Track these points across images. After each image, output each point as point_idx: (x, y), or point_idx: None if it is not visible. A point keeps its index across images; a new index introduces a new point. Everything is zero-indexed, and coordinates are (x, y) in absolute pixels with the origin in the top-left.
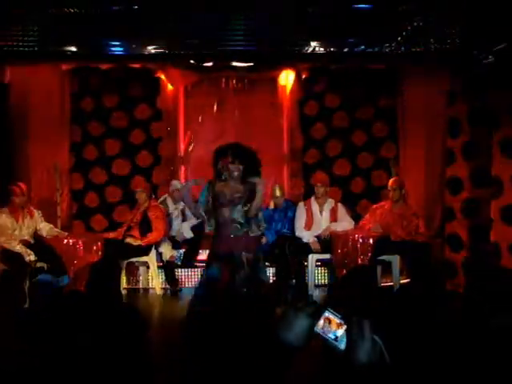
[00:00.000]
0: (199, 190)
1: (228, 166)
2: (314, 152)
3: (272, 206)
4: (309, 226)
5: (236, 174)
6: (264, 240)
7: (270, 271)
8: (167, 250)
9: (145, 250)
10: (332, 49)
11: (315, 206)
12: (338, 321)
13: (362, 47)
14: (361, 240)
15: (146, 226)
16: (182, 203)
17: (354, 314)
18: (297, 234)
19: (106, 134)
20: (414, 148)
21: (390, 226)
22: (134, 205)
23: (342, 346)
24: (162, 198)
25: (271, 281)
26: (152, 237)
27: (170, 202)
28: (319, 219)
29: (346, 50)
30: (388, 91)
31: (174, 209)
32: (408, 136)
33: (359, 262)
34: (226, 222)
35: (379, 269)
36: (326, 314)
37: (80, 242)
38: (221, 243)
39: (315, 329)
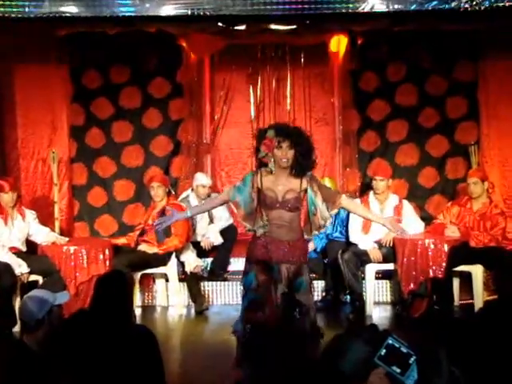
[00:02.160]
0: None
1: (273, 151)
2: (373, 136)
3: None
4: (367, 228)
5: (285, 161)
6: (311, 246)
7: (319, 285)
8: (191, 259)
9: (163, 260)
10: (395, 6)
11: (374, 204)
12: (405, 350)
13: (434, 3)
14: (433, 246)
15: (163, 230)
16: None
17: (426, 340)
18: (351, 239)
19: (114, 116)
20: (500, 131)
21: (470, 228)
22: (149, 203)
23: (410, 381)
24: (183, 195)
25: (319, 297)
26: (172, 243)
27: (193, 199)
28: None
29: (413, 7)
30: (467, 60)
31: None
32: (492, 116)
33: (431, 274)
34: (278, 227)
35: (456, 282)
36: (389, 341)
37: (83, 250)
38: (256, 247)
39: (375, 359)
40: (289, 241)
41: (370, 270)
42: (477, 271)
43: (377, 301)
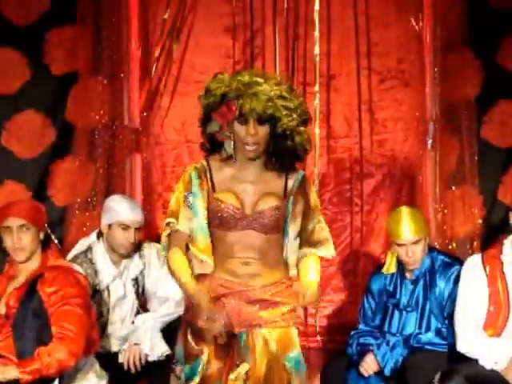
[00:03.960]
0: None
1: (233, 124)
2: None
3: (390, 269)
4: (495, 323)
5: (252, 146)
6: (371, 365)
7: None
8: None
9: None
10: None
11: None
12: None
13: None
14: None
15: (30, 325)
16: (136, 258)
17: None
18: (459, 345)
19: None
20: None
21: None
22: (0, 268)
23: None
24: (79, 247)
25: None
26: (49, 358)
27: (101, 255)
28: None
29: None
30: None
31: (116, 275)
32: None
33: None
34: (233, 263)
35: None
36: None
37: None
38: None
39: None
40: (264, 286)
41: None
42: None
43: None
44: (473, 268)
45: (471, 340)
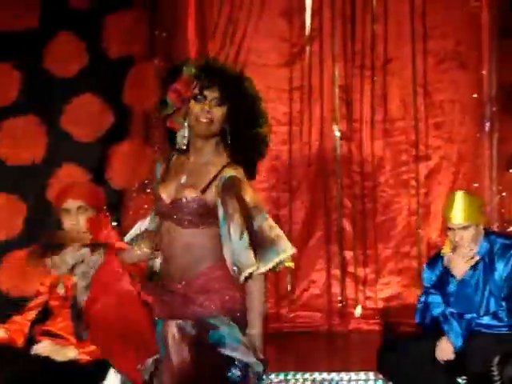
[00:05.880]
0: None
1: (190, 104)
2: None
3: (446, 251)
4: None
5: (206, 124)
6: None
7: None
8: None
9: (90, 376)
10: None
11: None
12: None
13: None
14: None
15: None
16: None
17: None
18: None
19: None
20: None
21: None
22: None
23: None
24: (136, 229)
25: None
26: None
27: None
28: None
29: None
30: None
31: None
32: None
33: None
34: (166, 259)
35: None
36: None
37: None
38: (155, 303)
39: None
40: (184, 279)
41: None
42: None
43: None
44: None
45: None
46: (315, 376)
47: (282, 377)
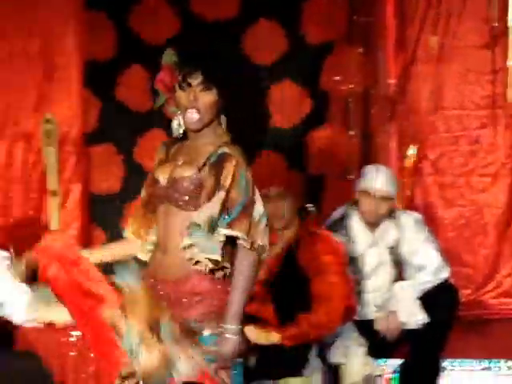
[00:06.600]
0: None
1: (176, 94)
2: None
3: None
4: None
5: (193, 114)
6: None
7: None
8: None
9: (294, 363)
10: None
11: None
12: None
13: None
14: None
15: (288, 291)
16: (392, 226)
17: None
18: None
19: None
20: None
21: None
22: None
23: None
24: (332, 218)
25: None
26: (307, 324)
27: (356, 223)
28: None
29: None
30: None
31: (372, 243)
32: None
33: None
34: (161, 246)
35: None
36: None
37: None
38: None
39: None
40: (176, 278)
41: None
42: None
43: None
44: None
45: None
46: None
47: (485, 364)
